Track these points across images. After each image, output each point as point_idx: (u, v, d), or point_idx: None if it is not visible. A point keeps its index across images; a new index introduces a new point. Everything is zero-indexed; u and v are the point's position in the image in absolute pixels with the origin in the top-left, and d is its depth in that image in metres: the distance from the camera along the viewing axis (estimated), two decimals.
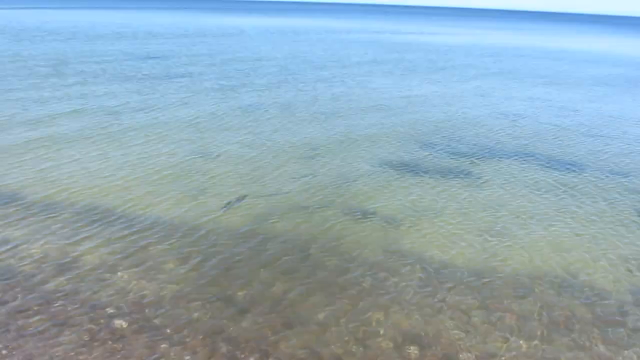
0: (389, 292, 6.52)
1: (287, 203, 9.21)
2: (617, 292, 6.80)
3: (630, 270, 7.38)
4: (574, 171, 11.86)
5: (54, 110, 15.17)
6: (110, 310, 5.81)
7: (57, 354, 5.14)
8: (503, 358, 5.41)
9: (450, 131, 15.17)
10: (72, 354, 5.13)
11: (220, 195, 9.37)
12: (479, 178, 11.14)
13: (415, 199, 9.70)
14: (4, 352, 5.13)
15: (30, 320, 5.62)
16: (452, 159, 12.48)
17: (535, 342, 5.68)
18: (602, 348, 5.65)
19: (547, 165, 12.26)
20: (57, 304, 5.92)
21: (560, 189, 10.65)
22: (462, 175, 11.23)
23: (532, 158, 12.76)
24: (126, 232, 7.77)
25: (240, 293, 6.34)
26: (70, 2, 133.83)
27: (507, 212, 9.33)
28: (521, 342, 5.67)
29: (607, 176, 11.58)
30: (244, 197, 9.24)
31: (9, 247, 7.18)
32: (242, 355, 5.25)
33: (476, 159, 12.54)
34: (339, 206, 9.17)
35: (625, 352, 5.60)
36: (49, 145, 11.86)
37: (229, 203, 8.94)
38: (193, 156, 11.57)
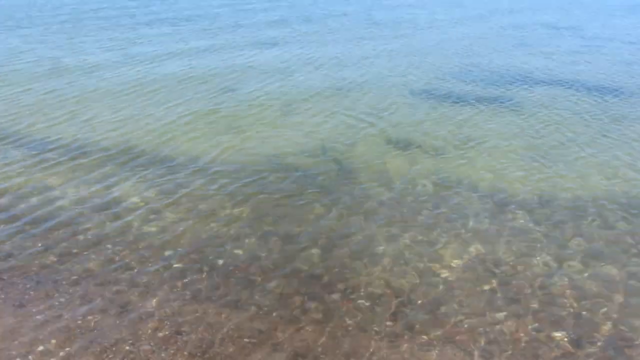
0: (450, 219, 6.22)
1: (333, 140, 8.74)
2: None
3: None
4: (604, 95, 11.55)
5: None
6: (167, 253, 5.44)
7: (114, 297, 4.77)
8: (563, 278, 5.18)
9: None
10: (133, 296, 4.78)
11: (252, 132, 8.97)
12: (513, 105, 10.78)
13: (455, 129, 9.30)
14: (61, 299, 4.74)
15: (85, 265, 5.23)
16: (484, 87, 12.10)
17: (595, 261, 5.44)
18: None
19: (578, 91, 11.91)
20: (104, 247, 5.49)
21: (593, 112, 10.37)
22: (497, 103, 10.89)
23: (560, 84, 12.41)
24: (173, 173, 7.25)
25: (297, 228, 5.96)
26: None
27: (547, 137, 9.02)
28: (579, 261, 5.46)
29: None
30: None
31: (49, 192, 6.59)
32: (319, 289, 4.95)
33: (506, 87, 12.17)
34: (384, 138, 8.82)
35: None
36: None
37: None
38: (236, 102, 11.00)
